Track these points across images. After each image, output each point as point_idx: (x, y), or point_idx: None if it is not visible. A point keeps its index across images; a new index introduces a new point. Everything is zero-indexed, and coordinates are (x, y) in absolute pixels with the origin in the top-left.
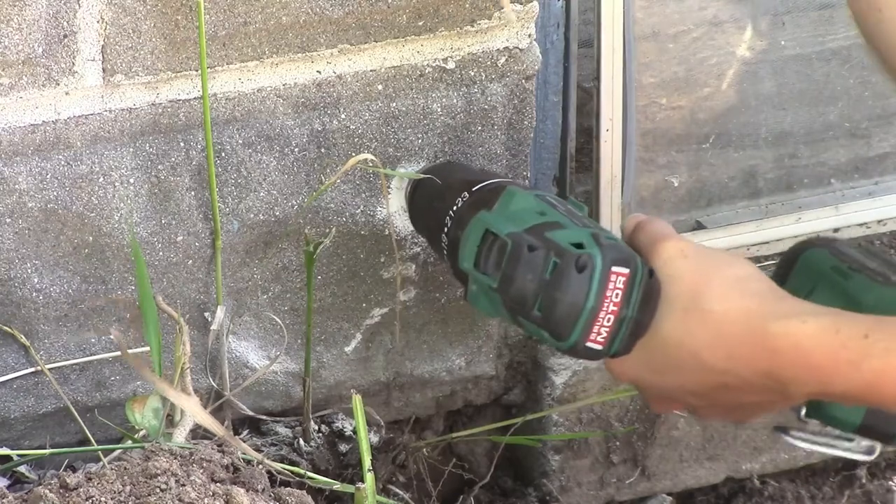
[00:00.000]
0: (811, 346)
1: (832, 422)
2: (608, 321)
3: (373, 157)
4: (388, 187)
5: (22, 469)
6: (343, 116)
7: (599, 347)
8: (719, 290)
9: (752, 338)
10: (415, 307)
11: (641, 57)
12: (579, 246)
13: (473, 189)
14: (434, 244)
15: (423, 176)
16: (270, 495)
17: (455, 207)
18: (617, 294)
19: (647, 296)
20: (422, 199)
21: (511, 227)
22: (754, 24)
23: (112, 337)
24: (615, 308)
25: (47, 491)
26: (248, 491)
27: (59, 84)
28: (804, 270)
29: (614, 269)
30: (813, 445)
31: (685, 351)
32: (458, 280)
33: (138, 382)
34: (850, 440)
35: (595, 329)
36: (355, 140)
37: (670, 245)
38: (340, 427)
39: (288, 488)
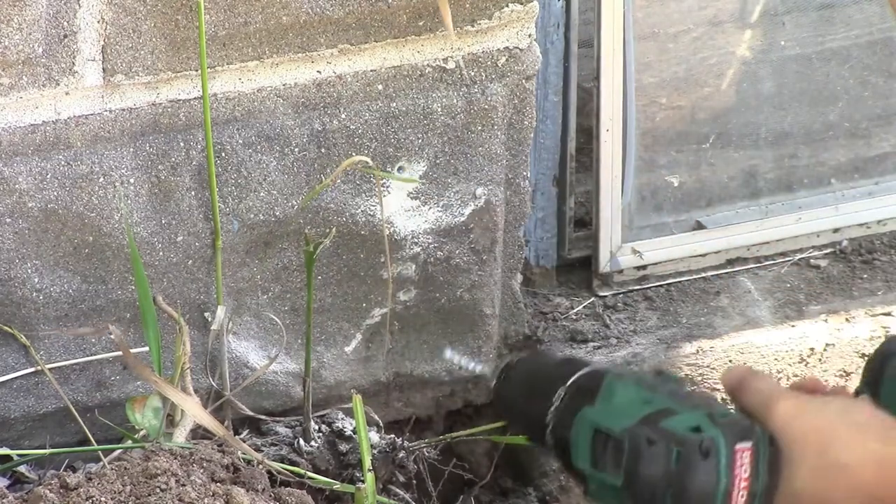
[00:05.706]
0: None
1: None
2: (742, 497)
3: (367, 160)
4: (387, 188)
5: (22, 469)
6: (343, 116)
7: None
8: (845, 442)
9: (886, 480)
10: (415, 307)
11: (641, 57)
12: (697, 430)
13: (569, 383)
14: (539, 442)
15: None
16: (270, 495)
17: (554, 406)
18: (745, 469)
19: (772, 462)
20: (513, 399)
21: (622, 422)
22: (754, 24)
23: (112, 336)
24: (746, 484)
25: (47, 491)
26: (248, 491)
27: (59, 84)
28: (894, 380)
29: (738, 446)
30: None
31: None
32: (572, 477)
33: (138, 382)
34: None
35: None
36: (355, 140)
37: (785, 406)
38: (340, 427)
39: (288, 488)
